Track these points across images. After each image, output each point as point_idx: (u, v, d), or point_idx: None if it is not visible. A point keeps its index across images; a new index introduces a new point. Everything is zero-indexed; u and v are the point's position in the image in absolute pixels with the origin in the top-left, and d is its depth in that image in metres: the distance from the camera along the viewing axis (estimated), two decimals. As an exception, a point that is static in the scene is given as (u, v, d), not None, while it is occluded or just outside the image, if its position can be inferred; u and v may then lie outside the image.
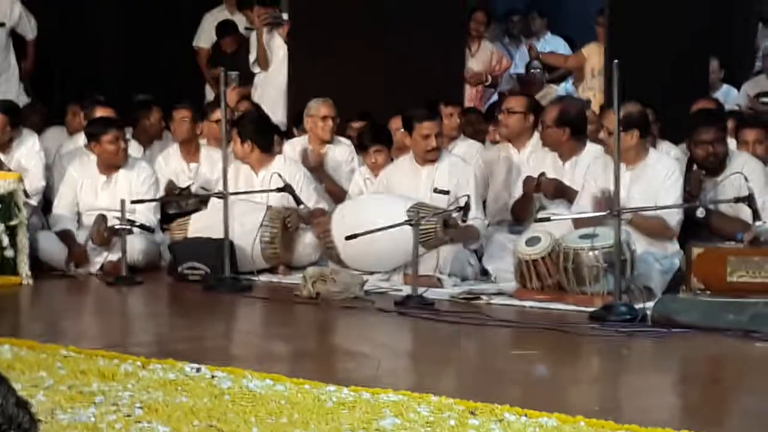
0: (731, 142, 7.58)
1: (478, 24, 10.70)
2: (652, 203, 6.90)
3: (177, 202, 8.51)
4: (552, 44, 11.56)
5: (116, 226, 7.57)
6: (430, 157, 7.64)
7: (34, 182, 8.30)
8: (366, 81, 9.40)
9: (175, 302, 7.44)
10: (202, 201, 8.28)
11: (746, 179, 6.60)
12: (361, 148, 8.52)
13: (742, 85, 10.37)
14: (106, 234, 7.74)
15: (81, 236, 7.91)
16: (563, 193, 7.45)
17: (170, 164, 8.82)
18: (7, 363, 5.23)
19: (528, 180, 7.61)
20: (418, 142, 7.63)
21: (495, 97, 10.49)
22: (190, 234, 7.78)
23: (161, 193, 8.37)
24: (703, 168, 7.15)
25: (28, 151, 8.40)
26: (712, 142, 7.11)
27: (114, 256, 7.69)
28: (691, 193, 7.06)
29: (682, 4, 8.90)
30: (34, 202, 8.16)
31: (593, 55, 9.87)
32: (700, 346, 5.82)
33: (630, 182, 6.91)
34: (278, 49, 10.26)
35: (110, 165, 8.08)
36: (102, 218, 7.78)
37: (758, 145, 7.60)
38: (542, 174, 7.58)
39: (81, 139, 8.62)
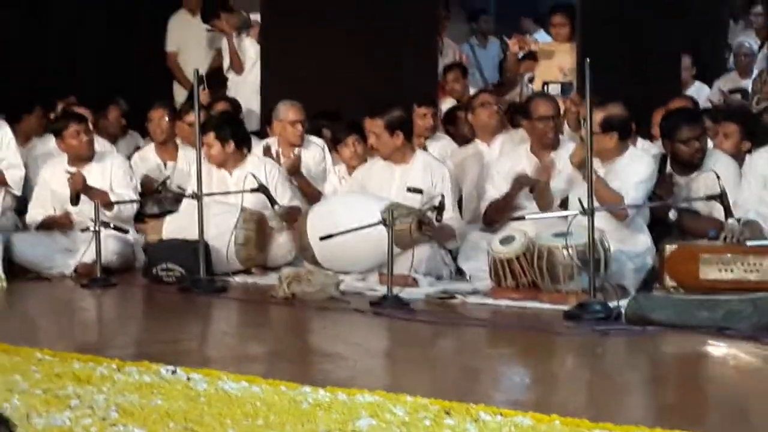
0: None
1: (442, 20, 10.71)
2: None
3: (155, 198, 8.51)
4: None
5: (90, 229, 7.54)
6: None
7: (13, 171, 8.26)
8: (339, 80, 9.39)
9: (150, 304, 7.42)
10: (177, 199, 8.29)
11: (718, 177, 6.64)
12: (335, 142, 8.49)
13: (714, 81, 10.42)
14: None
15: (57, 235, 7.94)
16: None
17: (147, 163, 8.85)
18: (-19, 367, 5.21)
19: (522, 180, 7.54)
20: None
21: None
22: (165, 235, 7.77)
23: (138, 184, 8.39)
24: (688, 165, 7.17)
25: (3, 139, 8.36)
26: (698, 138, 7.15)
27: (88, 258, 7.67)
28: (662, 196, 7.08)
29: (653, 3, 8.93)
30: (17, 191, 8.17)
31: (554, 54, 9.75)
32: (674, 344, 5.85)
33: (604, 177, 6.91)
34: (248, 49, 10.32)
35: (78, 158, 8.15)
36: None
37: (727, 139, 7.62)
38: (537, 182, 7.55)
39: (50, 140, 8.62)
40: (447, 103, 9.87)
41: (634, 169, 6.98)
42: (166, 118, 8.94)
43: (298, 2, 9.75)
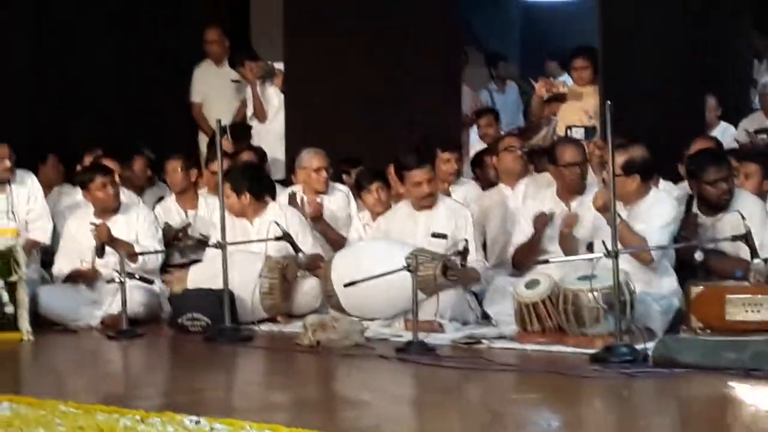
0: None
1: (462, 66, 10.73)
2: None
3: (177, 246, 8.53)
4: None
5: (116, 280, 7.56)
6: (425, 203, 7.65)
7: (42, 223, 8.38)
8: (363, 127, 9.43)
9: (176, 354, 7.42)
10: (201, 242, 8.31)
11: (743, 217, 6.59)
12: (359, 189, 8.50)
13: (740, 122, 10.38)
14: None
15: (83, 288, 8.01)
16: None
17: (169, 213, 8.89)
18: (7, 420, 5.21)
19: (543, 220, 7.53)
20: (411, 191, 7.65)
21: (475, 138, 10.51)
22: (190, 285, 7.79)
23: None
24: (715, 206, 7.13)
25: (30, 191, 8.44)
26: (725, 179, 7.13)
27: (114, 309, 7.68)
28: (688, 238, 7.04)
29: (678, 42, 8.92)
30: (47, 242, 8.21)
31: (578, 97, 9.73)
32: (702, 386, 5.79)
33: (627, 219, 6.89)
34: (272, 98, 10.36)
35: (105, 210, 8.22)
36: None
37: (749, 179, 7.58)
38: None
39: (77, 192, 8.67)
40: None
41: (657, 211, 6.95)
42: (180, 169, 8.97)
43: (321, 52, 9.79)
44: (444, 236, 7.55)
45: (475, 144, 10.46)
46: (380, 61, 9.59)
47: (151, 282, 7.93)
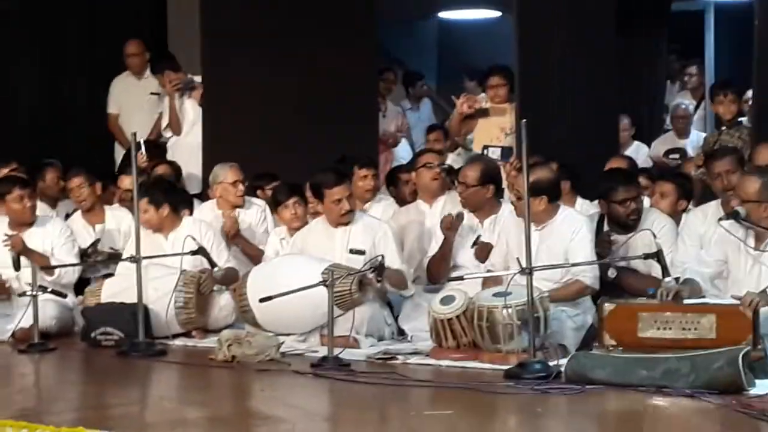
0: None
1: (389, 83, 10.77)
2: (560, 261, 6.96)
3: (88, 263, 8.44)
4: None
5: (28, 293, 7.47)
6: (343, 220, 7.67)
7: None
8: (280, 143, 9.41)
9: (88, 369, 7.34)
10: (112, 256, 8.25)
11: (654, 236, 6.70)
12: (276, 204, 8.48)
13: (653, 142, 10.54)
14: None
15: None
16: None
17: (76, 231, 8.75)
18: None
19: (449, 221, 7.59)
20: (331, 208, 7.65)
21: (405, 155, 10.54)
22: (104, 299, 7.71)
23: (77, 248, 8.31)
24: (624, 225, 7.24)
25: None
26: (633, 199, 7.23)
27: (25, 323, 7.58)
28: (601, 255, 7.14)
29: (593, 62, 9.03)
30: None
31: (492, 115, 9.79)
32: (614, 403, 5.85)
33: (539, 242, 6.97)
34: (188, 112, 10.31)
35: (20, 223, 8.11)
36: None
37: (664, 198, 7.70)
38: (479, 236, 7.61)
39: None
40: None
41: (568, 229, 7.03)
42: (84, 185, 8.85)
43: (239, 66, 9.76)
44: (362, 252, 7.57)
45: (401, 162, 10.44)
46: (298, 77, 9.58)
47: (64, 296, 7.84)
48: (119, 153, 10.74)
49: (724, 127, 8.92)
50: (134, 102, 10.74)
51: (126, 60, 10.74)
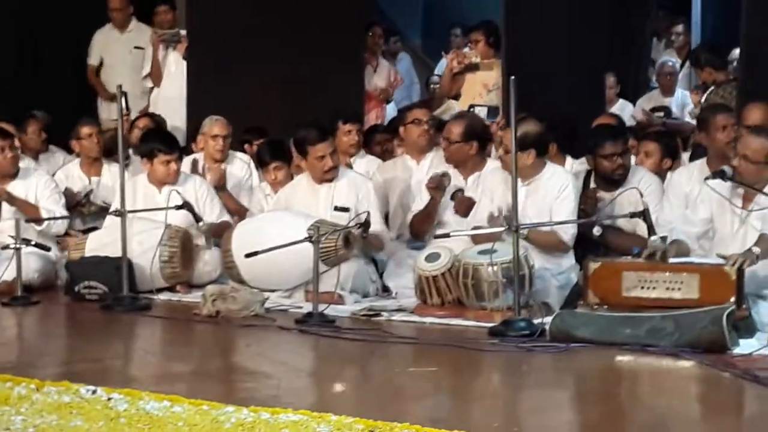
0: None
1: (377, 38, 10.71)
2: (546, 217, 6.98)
3: (79, 212, 8.42)
4: None
5: (11, 246, 7.44)
6: (327, 177, 7.64)
7: None
8: (266, 98, 9.37)
9: (72, 322, 7.32)
10: (103, 209, 8.23)
11: (641, 194, 6.69)
12: (260, 164, 8.50)
13: (638, 100, 10.52)
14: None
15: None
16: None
17: (72, 180, 8.76)
18: None
19: (436, 180, 7.60)
20: (314, 165, 7.63)
21: (394, 113, 10.50)
22: (88, 252, 7.68)
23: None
24: (611, 181, 7.23)
25: None
26: (620, 154, 7.22)
27: (8, 276, 7.55)
28: (587, 211, 7.15)
29: (577, 21, 8.99)
30: None
31: (476, 71, 9.78)
32: (598, 361, 5.87)
33: (525, 197, 6.96)
34: (171, 64, 10.25)
35: (3, 175, 8.08)
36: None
37: (648, 158, 7.70)
38: (459, 190, 7.61)
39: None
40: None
41: (555, 186, 7.03)
42: (95, 134, 8.86)
43: (224, 20, 9.70)
44: (347, 209, 7.55)
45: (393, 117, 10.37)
46: (284, 33, 9.52)
47: (47, 249, 7.81)
48: (102, 106, 10.68)
49: (712, 87, 8.91)
50: (116, 55, 10.68)
51: (109, 14, 10.65)
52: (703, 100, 8.92)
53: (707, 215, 6.66)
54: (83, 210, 8.52)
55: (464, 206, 7.52)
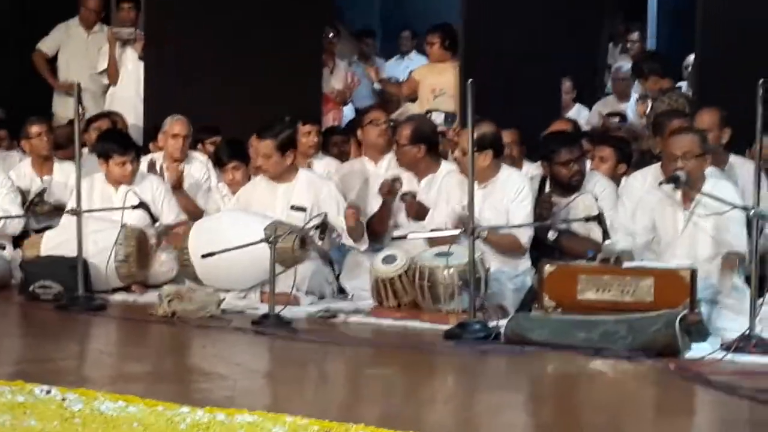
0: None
1: (331, 40, 10.73)
2: (503, 220, 7.02)
3: (33, 212, 8.37)
4: (417, 63, 11.52)
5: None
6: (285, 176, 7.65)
7: None
8: (224, 98, 9.36)
9: (27, 322, 7.28)
10: (57, 209, 8.18)
11: (596, 199, 6.75)
12: (217, 164, 8.48)
13: (594, 105, 10.60)
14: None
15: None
16: (424, 215, 7.48)
17: (23, 179, 8.69)
18: None
19: (387, 185, 7.63)
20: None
21: (351, 115, 10.52)
22: (43, 252, 7.64)
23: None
24: (567, 187, 7.27)
25: None
26: (575, 160, 7.27)
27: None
28: (542, 215, 7.19)
29: (534, 25, 9.05)
30: None
31: (427, 75, 9.87)
32: (552, 364, 5.92)
33: (482, 199, 7.00)
34: (128, 62, 10.22)
35: None
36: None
37: (603, 162, 7.75)
38: (407, 193, 7.64)
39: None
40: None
41: (511, 188, 7.08)
42: (46, 132, 8.79)
43: (182, 19, 9.68)
44: (303, 209, 7.55)
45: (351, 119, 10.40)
46: (242, 32, 9.52)
47: (2, 247, 7.76)
48: (57, 101, 10.59)
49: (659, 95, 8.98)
50: (77, 52, 10.60)
51: (80, 10, 10.59)
52: (648, 109, 8.97)
53: (648, 223, 6.71)
54: (36, 209, 8.47)
55: (414, 210, 7.55)
